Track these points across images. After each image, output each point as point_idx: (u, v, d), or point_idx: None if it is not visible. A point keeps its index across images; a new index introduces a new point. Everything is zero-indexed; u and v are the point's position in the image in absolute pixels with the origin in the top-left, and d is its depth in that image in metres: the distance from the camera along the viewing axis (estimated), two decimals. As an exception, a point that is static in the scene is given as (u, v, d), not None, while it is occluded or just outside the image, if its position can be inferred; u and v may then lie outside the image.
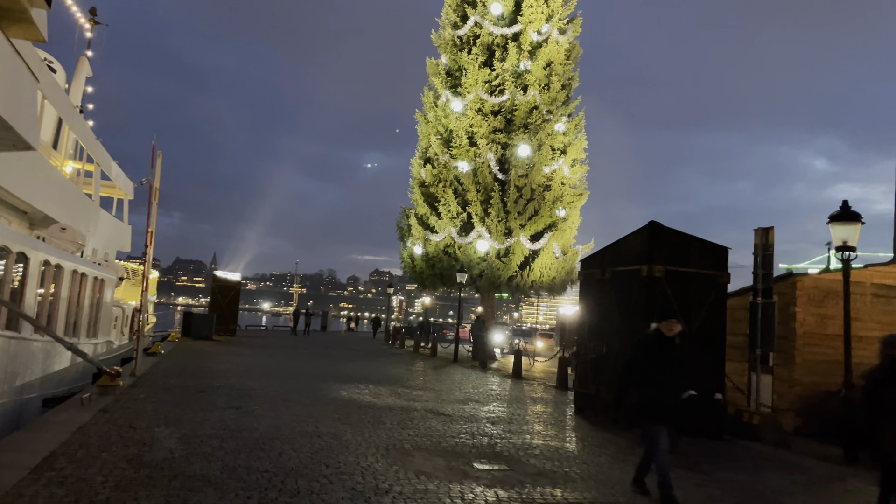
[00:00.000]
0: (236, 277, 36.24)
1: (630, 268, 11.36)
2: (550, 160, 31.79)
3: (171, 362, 17.46)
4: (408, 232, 34.90)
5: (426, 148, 34.46)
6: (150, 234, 14.43)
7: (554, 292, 33.63)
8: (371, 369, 19.71)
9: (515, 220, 31.04)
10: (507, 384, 18.25)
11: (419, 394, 14.34)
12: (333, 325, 65.07)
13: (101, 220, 26.04)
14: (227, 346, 25.71)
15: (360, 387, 14.83)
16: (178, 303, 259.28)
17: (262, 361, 19.93)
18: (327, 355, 24.94)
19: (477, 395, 14.89)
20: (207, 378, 14.39)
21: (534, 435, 10.07)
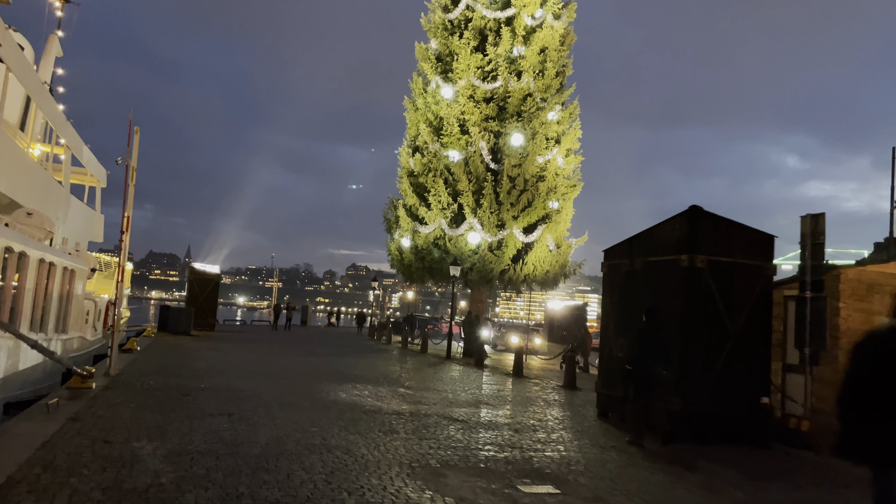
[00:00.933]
0: (215, 270, 34.73)
1: (666, 258, 10.28)
2: (544, 150, 30.70)
3: (148, 360, 16.08)
4: (395, 223, 33.61)
5: (415, 136, 33.17)
6: (127, 219, 13.04)
7: (546, 286, 32.63)
8: (364, 367, 18.48)
9: (508, 212, 29.92)
10: (511, 383, 17.14)
11: (424, 395, 13.16)
12: (313, 320, 63.55)
13: (72, 207, 24.43)
14: (207, 342, 24.27)
15: (359, 387, 13.61)
16: (151, 297, 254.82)
17: (246, 358, 18.60)
18: (314, 352, 23.64)
19: (485, 397, 13.76)
20: (191, 377, 13.06)
21: (567, 446, 8.95)
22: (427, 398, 12.75)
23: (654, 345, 9.30)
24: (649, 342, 9.36)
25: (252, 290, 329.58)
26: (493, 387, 15.95)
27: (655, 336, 9.39)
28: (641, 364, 9.32)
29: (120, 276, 13.06)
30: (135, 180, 13.29)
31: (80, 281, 19.21)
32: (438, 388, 14.60)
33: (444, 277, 31.98)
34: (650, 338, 9.39)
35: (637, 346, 9.52)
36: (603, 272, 12.02)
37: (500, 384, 16.69)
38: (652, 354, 9.26)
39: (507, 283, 31.35)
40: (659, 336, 9.40)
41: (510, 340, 32.83)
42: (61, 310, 17.12)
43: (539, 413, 11.89)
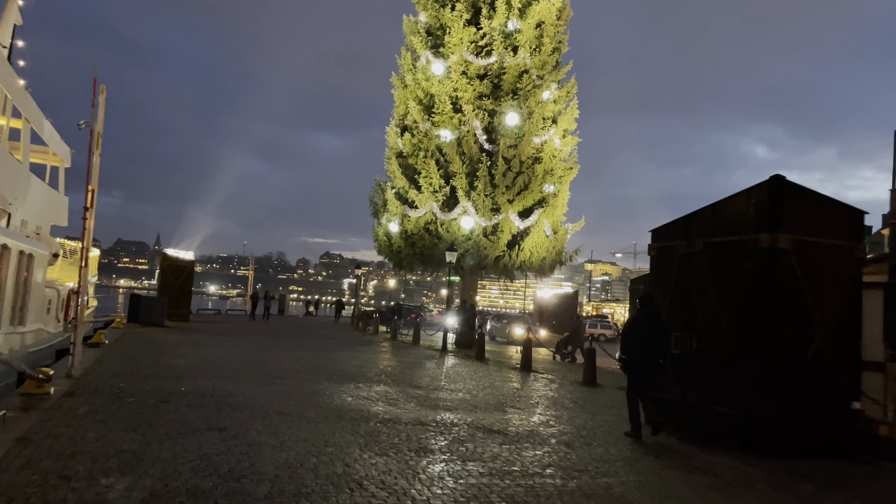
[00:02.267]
0: (189, 256, 32.58)
1: (737, 238, 8.73)
2: (541, 130, 29.08)
3: (118, 356, 14.18)
4: (383, 207, 31.79)
5: (403, 115, 31.30)
6: (92, 193, 11.13)
7: (542, 274, 31.12)
8: (360, 362, 16.78)
9: (503, 195, 28.28)
10: (524, 380, 15.59)
11: (439, 397, 11.52)
12: (289, 310, 61.44)
13: (33, 187, 22.21)
14: (183, 334, 22.33)
15: (363, 388, 11.92)
16: (120, 285, 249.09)
17: (230, 354, 16.77)
18: (300, 344, 21.84)
19: (506, 398, 12.16)
20: (169, 379, 11.24)
21: (638, 466, 7.40)
22: (444, 400, 11.11)
23: (651, 333, 8.97)
24: (646, 331, 9.02)
25: (224, 279, 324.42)
26: (508, 385, 14.37)
27: (652, 324, 9.05)
28: (637, 353, 8.99)
29: (84, 261, 11.17)
30: (101, 147, 11.37)
31: (40, 267, 17.16)
32: (450, 387, 12.97)
33: (437, 264, 30.32)
34: (647, 326, 9.05)
35: (632, 336, 9.15)
36: (651, 256, 10.45)
37: (513, 381, 15.13)
38: (649, 344, 8.93)
39: (502, 270, 29.77)
40: (656, 324, 9.07)
41: (514, 332, 31.12)
42: (17, 299, 15.10)
43: (579, 419, 10.33)
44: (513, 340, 30.70)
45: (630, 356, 9.07)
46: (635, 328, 9.25)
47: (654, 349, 8.93)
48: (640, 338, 9.01)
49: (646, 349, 8.94)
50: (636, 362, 9.01)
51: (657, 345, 8.95)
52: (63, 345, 20.50)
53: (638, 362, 9.00)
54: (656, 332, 8.98)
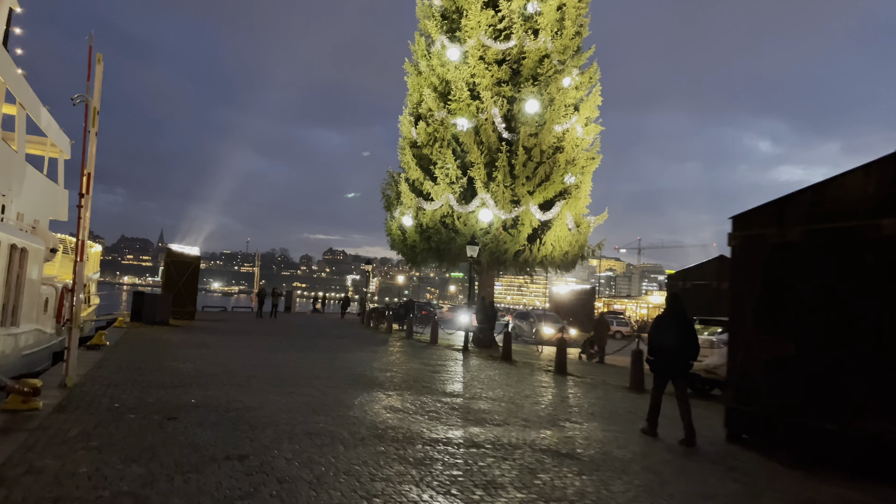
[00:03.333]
0: (194, 252, 31.20)
1: (849, 224, 7.34)
2: (563, 117, 27.66)
3: (120, 360, 12.85)
4: (396, 200, 30.42)
5: (417, 103, 29.91)
6: (88, 177, 9.82)
7: (563, 269, 29.66)
8: (382, 365, 15.45)
9: (524, 187, 26.88)
10: (566, 386, 14.25)
11: (484, 409, 10.17)
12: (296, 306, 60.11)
13: (29, 178, 20.89)
14: (189, 334, 21.02)
15: (394, 397, 10.58)
16: (124, 282, 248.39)
17: (240, 356, 15.43)
18: (314, 344, 20.49)
19: (558, 409, 10.81)
20: (176, 387, 9.91)
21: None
22: (489, 413, 9.77)
23: (679, 333, 8.66)
24: (674, 330, 8.69)
25: (228, 276, 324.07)
26: (550, 391, 13.03)
27: (680, 323, 8.74)
28: (666, 355, 8.75)
29: (79, 255, 9.84)
30: (97, 126, 10.02)
31: (36, 263, 15.85)
32: (489, 395, 11.62)
33: (453, 259, 28.96)
34: (675, 326, 8.73)
35: (660, 336, 8.84)
36: (732, 246, 9.06)
37: (552, 387, 13.78)
38: (677, 344, 8.64)
39: (522, 265, 28.37)
40: (684, 323, 8.75)
41: (543, 331, 29.56)
42: (9, 298, 13.79)
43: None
44: (541, 340, 29.11)
45: (658, 357, 8.83)
46: (663, 328, 8.89)
47: (683, 350, 8.63)
48: (668, 338, 8.70)
49: (674, 350, 8.67)
50: (665, 364, 8.78)
51: (686, 345, 8.64)
52: (62, 346, 19.23)
53: (667, 364, 8.76)
54: (685, 332, 8.67)
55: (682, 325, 8.71)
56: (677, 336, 8.65)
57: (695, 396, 13.75)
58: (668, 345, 8.70)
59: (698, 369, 13.34)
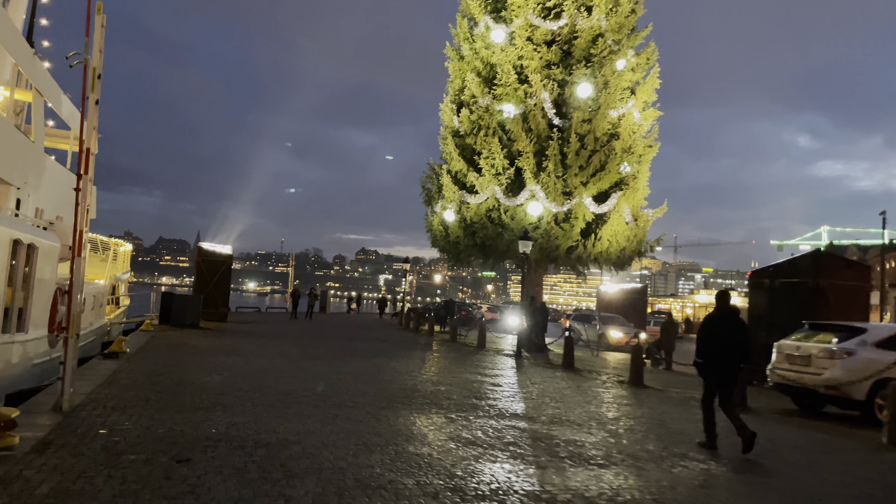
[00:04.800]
0: (226, 250, 29.75)
1: None
2: (619, 102, 25.44)
3: (136, 373, 11.16)
4: (438, 194, 28.52)
5: (459, 89, 27.96)
6: (87, 154, 8.11)
7: (619, 267, 27.41)
8: (432, 375, 13.55)
9: (576, 177, 24.73)
10: (653, 402, 12.16)
11: (574, 439, 8.17)
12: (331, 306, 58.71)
13: (49, 171, 19.48)
14: (220, 338, 19.40)
15: (459, 422, 8.64)
16: (162, 283, 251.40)
17: (274, 364, 13.65)
18: (354, 350, 18.67)
19: (663, 437, 8.75)
20: (195, 410, 8.11)
21: None
22: (582, 445, 7.76)
23: (730, 334, 8.12)
24: (724, 331, 8.15)
25: (262, 276, 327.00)
26: (640, 410, 10.97)
27: (731, 324, 8.20)
28: (716, 358, 8.14)
29: (77, 248, 8.12)
30: (98, 92, 8.30)
31: (49, 261, 14.30)
32: (571, 418, 9.61)
33: (500, 256, 26.96)
34: (725, 326, 8.19)
35: (709, 337, 8.28)
36: None
37: (639, 404, 11.72)
38: (727, 346, 8.09)
39: (575, 261, 26.20)
40: (733, 325, 8.18)
41: (610, 335, 27.15)
42: (14, 300, 12.22)
43: (807, 478, 6.87)
44: (608, 345, 26.70)
45: (707, 360, 8.21)
46: (712, 329, 8.29)
47: (734, 353, 8.03)
48: (718, 340, 8.12)
49: (724, 352, 8.07)
50: (714, 368, 8.16)
51: (738, 348, 8.03)
52: (80, 353, 17.74)
53: (716, 368, 8.13)
54: (736, 334, 8.08)
55: (733, 326, 8.11)
56: (728, 338, 8.04)
57: (805, 415, 11.57)
58: (718, 347, 8.08)
59: (816, 383, 11.17)
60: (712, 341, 8.16)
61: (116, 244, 30.39)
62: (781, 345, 12.30)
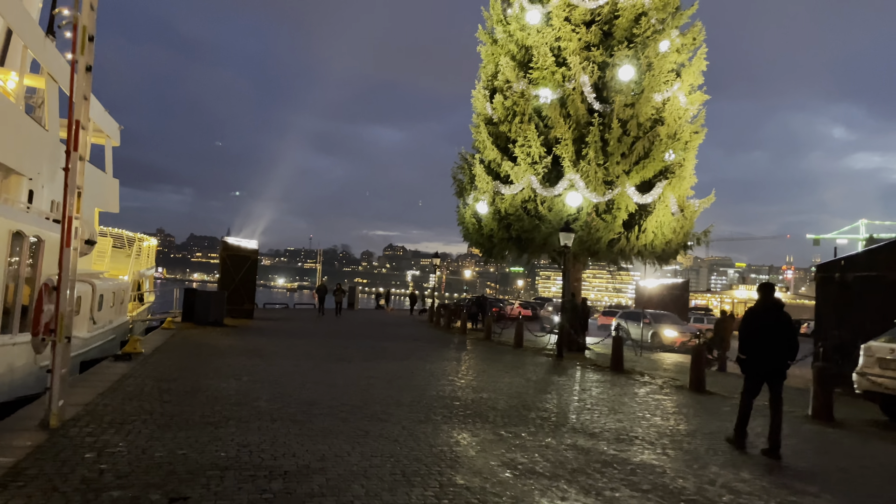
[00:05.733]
0: (252, 245, 28.82)
1: None
2: (663, 85, 23.86)
3: (146, 378, 10.08)
4: (470, 185, 27.25)
5: (492, 75, 26.61)
6: (76, 126, 7.02)
7: (663, 260, 25.84)
8: (472, 380, 12.28)
9: (618, 165, 23.22)
10: (725, 413, 10.73)
11: (653, 464, 6.85)
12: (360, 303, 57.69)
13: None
14: (243, 337, 18.37)
15: (509, 439, 7.37)
16: (193, 279, 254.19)
17: (298, 368, 12.50)
18: (385, 350, 17.47)
19: (772, 470, 7.37)
20: (205, 426, 6.97)
21: None
22: (662, 472, 6.43)
23: (775, 329, 7.63)
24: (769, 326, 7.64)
25: (292, 272, 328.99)
26: (712, 424, 9.56)
27: (775, 318, 7.68)
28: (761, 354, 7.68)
29: (66, 236, 7.02)
30: (91, 56, 7.17)
31: (55, 255, 13.30)
32: (639, 434, 8.26)
33: (536, 249, 25.57)
34: (769, 320, 7.67)
35: (750, 334, 7.77)
36: None
37: (716, 416, 10.31)
38: (773, 341, 7.62)
39: (617, 255, 24.71)
40: (779, 318, 7.67)
41: (664, 334, 25.44)
42: (16, 298, 11.25)
43: None
44: (661, 345, 25.02)
45: (751, 356, 7.79)
46: (757, 323, 7.78)
47: (780, 348, 7.63)
48: (763, 335, 7.68)
49: (771, 348, 7.66)
50: (759, 365, 7.76)
51: (785, 343, 7.63)
52: (97, 353, 16.84)
53: (762, 365, 7.74)
54: (782, 328, 7.65)
55: (779, 320, 7.68)
56: (774, 333, 7.64)
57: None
58: (763, 343, 7.67)
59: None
60: (757, 336, 7.66)
61: (140, 239, 29.67)
62: (871, 347, 10.79)
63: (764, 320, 7.71)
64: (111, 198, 25.98)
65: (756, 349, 7.69)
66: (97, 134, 24.31)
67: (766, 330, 7.64)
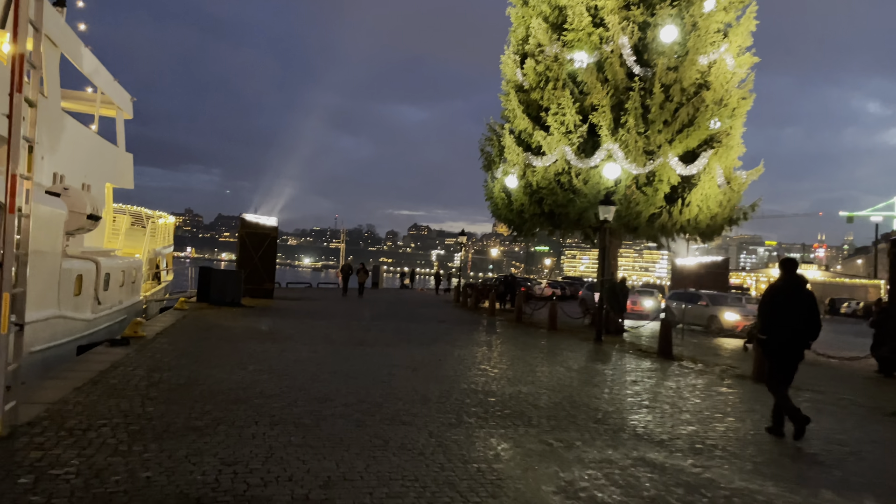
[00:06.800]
0: (272, 222, 27.64)
1: None
2: (709, 46, 21.90)
3: (138, 367, 8.85)
4: (499, 157, 25.64)
5: (523, 38, 24.82)
6: (20, 62, 5.71)
7: (706, 237, 24.04)
8: (506, 369, 10.89)
9: (661, 134, 21.39)
10: (823, 418, 9.21)
11: (759, 496, 5.39)
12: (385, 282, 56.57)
13: (70, 132, 17.45)
14: (259, 319, 17.20)
15: (560, 450, 5.98)
16: (222, 258, 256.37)
17: (315, 355, 11.19)
18: (409, 333, 16.12)
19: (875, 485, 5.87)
20: (186, 434, 5.68)
21: None
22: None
23: (796, 308, 7.04)
24: (791, 304, 7.05)
25: (318, 251, 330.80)
26: (812, 428, 8.06)
27: (798, 296, 7.10)
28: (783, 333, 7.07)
29: (9, 201, 5.73)
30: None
31: (50, 231, 12.13)
32: (728, 446, 6.80)
33: (570, 225, 23.88)
34: (792, 298, 7.08)
35: (773, 311, 7.13)
36: None
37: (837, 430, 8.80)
38: (795, 320, 7.02)
39: (658, 231, 22.99)
40: (802, 296, 7.11)
41: (724, 318, 23.31)
42: None
43: None
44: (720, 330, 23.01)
45: (772, 337, 7.12)
46: (779, 300, 7.13)
47: (803, 328, 6.99)
48: (785, 313, 7.02)
49: (792, 327, 7.02)
50: (781, 345, 7.10)
51: (808, 322, 6.98)
52: (105, 335, 15.73)
53: (784, 345, 7.08)
54: (805, 306, 7.01)
55: (802, 297, 7.17)
56: (796, 311, 7.09)
57: None
58: (785, 322, 7.12)
59: None
60: (779, 315, 7.09)
61: (156, 215, 28.67)
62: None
63: (786, 298, 7.14)
64: (125, 173, 24.91)
65: (778, 329, 7.11)
66: (107, 106, 23.19)
67: (789, 308, 7.06)
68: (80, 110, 23.43)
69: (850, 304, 56.76)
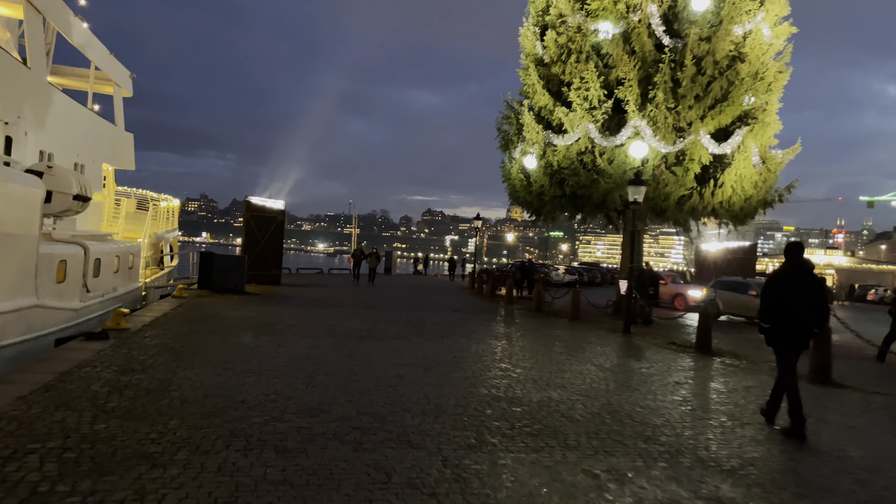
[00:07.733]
0: (279, 205, 26.43)
1: None
2: (744, 15, 20.29)
3: (107, 368, 7.66)
4: (517, 136, 24.22)
5: (544, 9, 23.35)
6: None
7: (740, 220, 22.51)
8: (530, 367, 9.60)
9: (692, 110, 19.91)
10: (877, 414, 7.85)
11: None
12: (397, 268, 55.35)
13: (59, 108, 16.26)
14: (261, 307, 16.00)
15: (613, 485, 4.70)
16: (236, 244, 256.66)
17: (315, 350, 9.94)
18: (422, 324, 14.84)
19: None
20: (131, 468, 4.46)
21: None
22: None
23: (802, 295, 6.59)
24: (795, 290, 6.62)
25: (332, 237, 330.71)
26: (869, 438, 6.72)
27: (802, 282, 6.66)
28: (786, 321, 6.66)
29: None
30: None
31: (24, 211, 10.94)
32: (826, 481, 5.49)
33: (594, 208, 22.49)
34: (796, 284, 6.65)
35: (776, 297, 6.72)
36: None
37: (877, 427, 7.44)
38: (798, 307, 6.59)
39: (688, 214, 21.56)
40: (807, 282, 6.67)
41: None
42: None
43: None
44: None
45: (775, 324, 6.70)
46: (783, 287, 6.67)
47: (808, 316, 6.57)
48: (789, 300, 6.58)
49: (796, 315, 6.58)
50: (785, 332, 6.66)
51: (813, 310, 6.56)
52: (85, 328, 14.58)
53: (787, 332, 6.64)
54: (811, 292, 6.58)
55: (807, 284, 6.62)
56: (801, 298, 6.55)
57: None
58: (789, 309, 6.59)
59: None
60: (782, 302, 6.66)
61: (159, 198, 27.58)
62: None
63: (790, 284, 6.68)
64: (124, 154, 23.78)
65: (780, 316, 6.67)
66: (103, 82, 22.01)
67: (793, 294, 6.61)
68: (74, 87, 22.25)
69: (877, 290, 54.97)
